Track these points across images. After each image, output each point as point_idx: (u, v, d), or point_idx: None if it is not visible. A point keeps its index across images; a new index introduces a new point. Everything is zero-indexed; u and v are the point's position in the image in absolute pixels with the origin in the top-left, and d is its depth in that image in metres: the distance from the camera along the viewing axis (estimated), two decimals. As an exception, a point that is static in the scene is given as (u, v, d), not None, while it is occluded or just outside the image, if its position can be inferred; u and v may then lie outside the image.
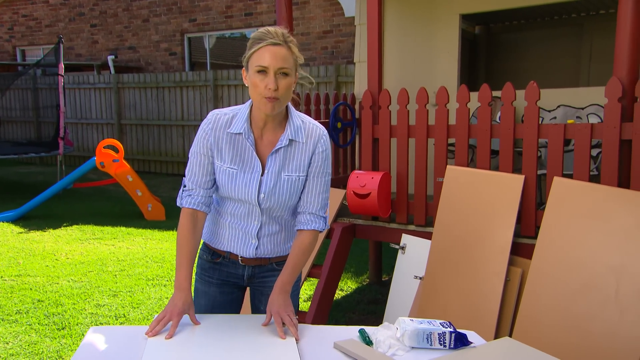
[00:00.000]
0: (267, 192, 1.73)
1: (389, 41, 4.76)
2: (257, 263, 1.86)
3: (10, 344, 3.27)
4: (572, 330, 2.56)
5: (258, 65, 1.61)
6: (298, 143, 1.74)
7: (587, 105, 4.10)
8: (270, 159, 1.73)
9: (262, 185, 1.73)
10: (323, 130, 1.78)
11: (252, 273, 1.88)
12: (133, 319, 3.69)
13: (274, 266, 1.88)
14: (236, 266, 1.87)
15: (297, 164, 1.75)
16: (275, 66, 1.60)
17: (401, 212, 3.42)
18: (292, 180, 1.75)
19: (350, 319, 3.83)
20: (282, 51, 1.61)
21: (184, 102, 10.08)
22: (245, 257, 1.84)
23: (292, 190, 1.75)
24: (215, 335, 1.63)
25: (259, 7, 10.24)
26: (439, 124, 3.22)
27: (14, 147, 9.60)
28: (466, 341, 1.63)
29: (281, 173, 1.74)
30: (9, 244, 5.49)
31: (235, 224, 1.81)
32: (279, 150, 1.73)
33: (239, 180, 1.73)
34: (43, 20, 12.80)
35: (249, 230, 1.80)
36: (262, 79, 1.61)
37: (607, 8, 6.12)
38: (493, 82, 3.89)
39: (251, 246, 1.82)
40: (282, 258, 1.88)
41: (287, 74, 1.63)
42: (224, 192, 1.77)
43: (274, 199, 1.75)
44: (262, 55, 1.60)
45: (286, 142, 1.72)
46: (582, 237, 2.64)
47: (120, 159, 6.75)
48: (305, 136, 1.74)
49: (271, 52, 1.60)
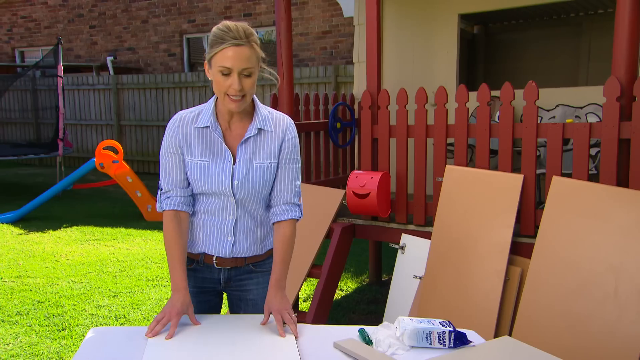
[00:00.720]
0: (240, 179, 1.72)
1: (388, 41, 4.76)
2: (233, 264, 1.82)
3: (10, 345, 3.27)
4: (571, 329, 2.57)
5: (221, 66, 1.61)
6: (267, 132, 1.75)
7: (586, 104, 4.10)
8: (240, 148, 1.74)
9: (234, 173, 1.73)
10: (290, 119, 1.81)
11: (228, 276, 1.84)
12: (133, 320, 3.70)
13: (251, 267, 1.85)
14: (211, 270, 1.83)
15: (267, 151, 1.75)
16: (239, 67, 1.61)
17: (401, 212, 3.43)
18: (264, 168, 1.75)
19: (351, 319, 3.83)
20: (245, 51, 1.60)
21: (183, 102, 10.08)
22: (221, 256, 1.80)
23: (265, 178, 1.75)
24: (215, 335, 1.63)
25: (257, 8, 10.24)
26: (438, 124, 3.22)
27: (13, 148, 9.61)
28: (466, 340, 1.64)
29: (253, 161, 1.74)
30: (9, 246, 5.49)
31: (210, 220, 1.78)
32: (249, 139, 1.74)
33: (211, 172, 1.72)
34: (42, 21, 12.81)
35: (224, 226, 1.77)
36: (226, 80, 1.62)
37: (605, 7, 6.13)
38: (492, 82, 3.90)
39: (227, 243, 1.78)
40: (258, 258, 1.85)
41: (251, 74, 1.64)
42: (197, 187, 1.75)
43: (248, 187, 1.74)
44: (225, 56, 1.60)
45: (255, 131, 1.74)
46: (581, 236, 2.65)
47: (119, 160, 6.75)
48: (273, 125, 1.76)
49: (234, 53, 1.59)
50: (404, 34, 4.74)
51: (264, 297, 1.79)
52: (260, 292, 1.85)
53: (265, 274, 1.86)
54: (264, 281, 1.85)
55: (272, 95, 3.83)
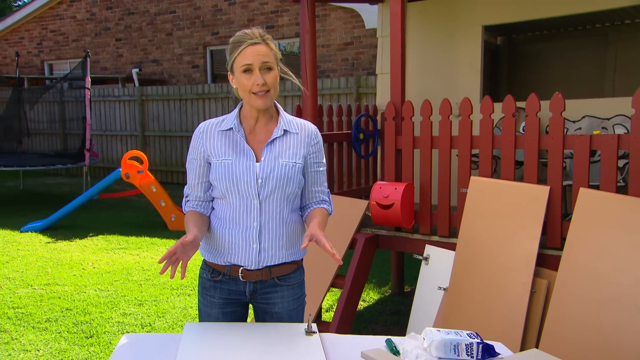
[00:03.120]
0: (264, 177, 1.77)
1: (411, 53, 4.78)
2: (259, 277, 1.82)
3: (41, 351, 3.34)
4: (601, 343, 2.53)
5: (243, 65, 1.73)
6: (292, 134, 1.84)
7: (613, 115, 4.06)
8: (267, 149, 1.81)
9: (259, 171, 1.78)
10: (313, 126, 1.92)
11: (253, 289, 1.85)
12: (159, 328, 3.74)
13: (276, 281, 1.85)
14: (237, 283, 1.84)
15: (292, 152, 1.82)
16: (259, 62, 1.73)
17: (424, 222, 3.43)
18: (289, 167, 1.80)
19: (373, 329, 3.83)
20: (262, 48, 1.74)
21: (207, 113, 10.22)
22: (247, 267, 1.81)
23: (289, 175, 1.79)
24: (245, 342, 1.66)
25: (280, 20, 10.37)
26: (462, 135, 3.22)
27: (41, 158, 9.83)
28: (494, 352, 1.63)
29: (278, 159, 1.80)
30: (37, 254, 5.62)
31: (235, 230, 1.80)
32: (274, 140, 1.82)
33: (235, 169, 1.77)
34: (70, 35, 13.14)
35: (250, 234, 1.79)
36: (249, 77, 1.73)
37: (632, 18, 6.07)
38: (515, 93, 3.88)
39: (253, 251, 1.79)
40: (284, 271, 1.85)
41: (271, 68, 1.75)
42: (221, 187, 1.79)
43: (272, 184, 1.77)
44: (245, 56, 1.73)
45: (281, 132, 1.82)
46: (609, 249, 2.61)
47: (144, 170, 6.86)
48: (298, 128, 1.86)
49: (252, 50, 1.73)
50: (428, 46, 4.75)
51: (289, 311, 1.84)
52: (285, 305, 1.86)
53: (290, 288, 1.87)
54: (289, 295, 1.86)
55: (297, 107, 3.88)
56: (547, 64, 6.90)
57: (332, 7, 9.64)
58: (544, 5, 4.28)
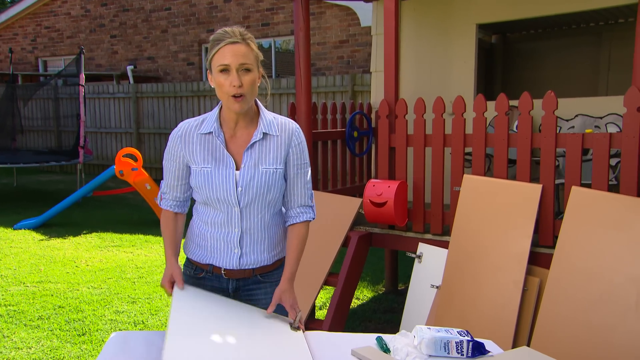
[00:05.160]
0: (244, 186, 1.74)
1: (406, 51, 4.78)
2: (241, 275, 1.83)
3: (32, 349, 3.33)
4: (592, 341, 2.54)
5: (220, 65, 1.66)
6: (272, 136, 1.78)
7: (606, 114, 4.07)
8: (246, 154, 1.76)
9: (238, 179, 1.74)
10: (295, 125, 1.84)
11: (236, 286, 1.86)
12: (151, 326, 3.74)
13: (259, 278, 1.86)
14: (220, 280, 1.85)
15: (273, 156, 1.77)
16: (237, 63, 1.65)
17: (418, 221, 3.43)
18: (270, 173, 1.76)
19: (367, 327, 3.83)
20: (241, 48, 1.66)
21: (202, 111, 10.20)
22: (229, 268, 1.82)
23: (270, 183, 1.76)
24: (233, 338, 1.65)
25: (275, 18, 10.35)
26: (455, 133, 3.23)
27: (35, 155, 9.78)
28: (484, 350, 1.64)
29: (258, 166, 1.75)
30: (30, 251, 5.59)
31: (217, 233, 1.80)
32: (254, 144, 1.76)
33: (215, 178, 1.74)
34: (65, 31, 13.07)
35: (231, 239, 1.79)
36: (226, 78, 1.66)
37: (626, 17, 6.08)
38: (509, 91, 3.89)
39: (234, 256, 1.80)
40: (266, 269, 1.86)
41: (250, 70, 1.68)
42: (202, 194, 1.77)
43: (252, 192, 1.74)
44: (223, 55, 1.66)
45: (260, 135, 1.76)
46: (601, 247, 2.62)
47: (138, 167, 6.84)
48: (278, 129, 1.79)
49: (231, 50, 1.65)
50: (422, 44, 4.75)
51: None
52: (269, 301, 1.85)
53: (274, 284, 1.87)
54: (272, 291, 1.86)
55: (290, 105, 3.87)
56: (542, 63, 6.91)
57: (328, 5, 9.63)
58: (538, 3, 4.29)
